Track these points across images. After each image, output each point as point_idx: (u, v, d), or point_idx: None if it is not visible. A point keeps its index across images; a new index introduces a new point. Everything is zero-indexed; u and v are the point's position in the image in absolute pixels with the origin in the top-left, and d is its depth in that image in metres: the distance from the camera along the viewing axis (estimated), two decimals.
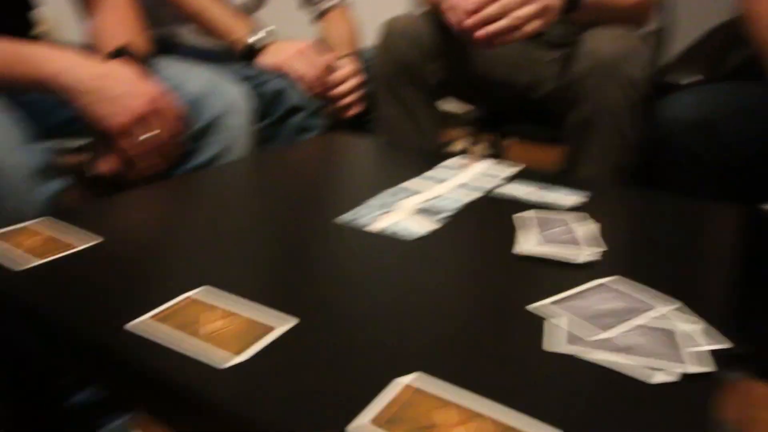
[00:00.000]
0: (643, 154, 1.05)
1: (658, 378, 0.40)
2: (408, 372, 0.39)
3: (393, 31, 1.16)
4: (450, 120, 1.67)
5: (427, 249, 0.60)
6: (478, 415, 0.35)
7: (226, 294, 0.48)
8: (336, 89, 1.26)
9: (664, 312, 0.48)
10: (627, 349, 0.43)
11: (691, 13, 1.80)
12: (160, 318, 0.44)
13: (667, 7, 1.32)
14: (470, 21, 0.95)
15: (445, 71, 1.18)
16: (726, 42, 1.32)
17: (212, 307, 0.46)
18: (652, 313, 0.48)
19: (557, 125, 1.13)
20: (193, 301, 0.47)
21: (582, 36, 1.08)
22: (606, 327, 0.46)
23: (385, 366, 0.40)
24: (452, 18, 1.00)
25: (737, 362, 0.93)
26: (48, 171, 0.77)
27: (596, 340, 0.44)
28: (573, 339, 0.44)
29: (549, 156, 1.22)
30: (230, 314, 0.45)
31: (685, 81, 1.19)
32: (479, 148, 2.40)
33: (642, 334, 0.45)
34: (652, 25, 1.29)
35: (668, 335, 0.45)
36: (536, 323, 0.47)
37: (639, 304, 0.50)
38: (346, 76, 1.28)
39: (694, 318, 0.47)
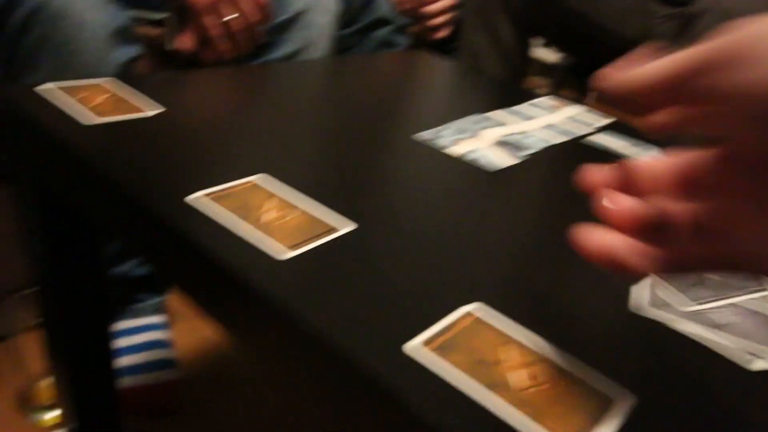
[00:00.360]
0: None
1: (758, 365, 0.35)
2: (469, 301, 0.35)
3: None
4: (533, 66, 1.58)
5: (506, 182, 0.55)
6: (541, 360, 0.31)
7: (286, 186, 0.44)
8: (428, 7, 1.19)
9: None
10: (723, 327, 0.38)
11: None
12: (218, 197, 0.41)
13: None
14: None
15: (546, 4, 1.08)
16: None
17: (271, 196, 0.43)
18: (755, 294, 0.42)
19: None
20: (253, 186, 0.44)
21: None
22: (701, 299, 0.40)
23: (444, 290, 0.36)
24: None
25: None
26: (127, 35, 0.75)
27: (689, 311, 0.39)
28: (662, 304, 0.39)
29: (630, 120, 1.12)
30: (289, 206, 0.42)
31: None
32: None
33: (740, 313, 0.40)
34: None
35: None
36: (621, 281, 0.42)
37: (738, 282, 0.44)
38: None
39: None
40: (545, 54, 1.90)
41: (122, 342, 0.87)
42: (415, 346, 0.30)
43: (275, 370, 0.35)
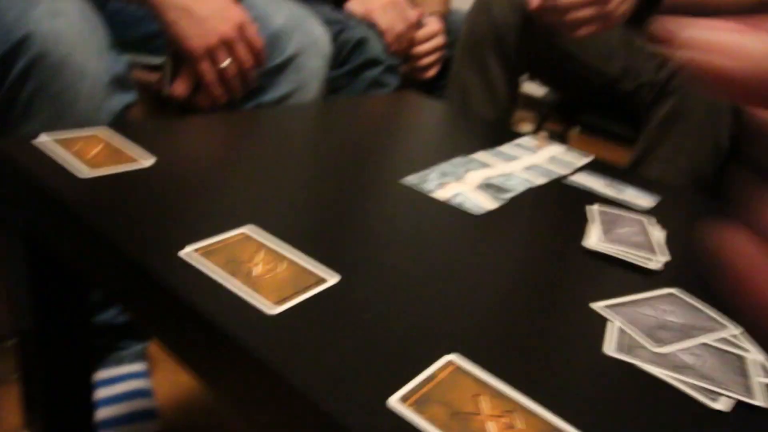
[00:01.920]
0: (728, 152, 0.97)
1: (722, 404, 0.36)
2: (449, 351, 0.36)
3: None
4: (519, 99, 1.60)
5: (490, 226, 0.57)
6: (517, 409, 0.32)
7: (274, 237, 0.46)
8: (418, 47, 1.21)
9: (735, 334, 0.44)
10: (688, 368, 0.39)
11: None
12: (208, 252, 0.42)
13: None
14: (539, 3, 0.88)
15: (536, 44, 1.11)
16: None
17: (260, 248, 0.44)
18: (720, 334, 0.43)
19: (635, 122, 1.05)
20: (242, 239, 0.45)
21: None
22: (669, 340, 0.42)
23: (426, 340, 0.37)
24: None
25: None
26: (124, 82, 0.76)
27: (658, 353, 0.40)
28: (633, 347, 0.40)
29: (612, 155, 1.14)
30: (277, 258, 0.43)
31: None
32: (542, 134, 2.31)
33: (703, 354, 0.41)
34: None
35: (738, 360, 0.41)
36: (595, 323, 0.43)
37: (706, 322, 0.45)
38: (431, 34, 1.23)
39: (754, 348, 0.43)
40: (531, 88, 1.94)
41: (103, 392, 0.85)
42: (395, 402, 0.31)
43: (258, 423, 0.36)
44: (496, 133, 0.88)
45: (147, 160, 0.55)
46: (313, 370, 0.33)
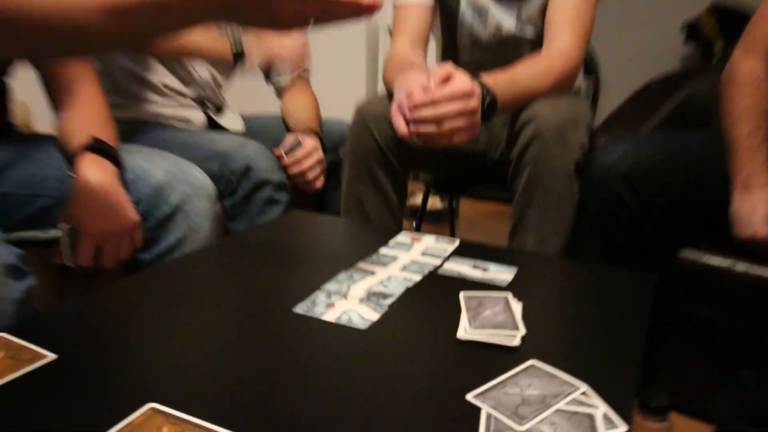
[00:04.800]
0: (577, 206, 1.04)
1: None
2: None
3: (366, 115, 1.15)
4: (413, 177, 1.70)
5: (376, 336, 0.61)
6: None
7: (175, 412, 0.47)
8: (301, 165, 1.27)
9: (584, 391, 0.50)
10: None
11: (615, 75, 1.87)
12: None
13: (594, 73, 1.37)
14: (404, 126, 0.96)
15: (414, 150, 1.16)
16: (651, 101, 1.37)
17: (162, 424, 0.45)
18: (572, 396, 0.49)
19: (507, 186, 1.12)
20: (146, 419, 0.46)
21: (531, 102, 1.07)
22: (530, 415, 0.47)
23: None
24: (394, 120, 1.00)
25: None
26: (20, 269, 0.76)
27: (524, 429, 0.45)
28: (500, 430, 0.45)
29: (496, 211, 1.22)
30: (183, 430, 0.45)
31: (615, 138, 1.23)
32: (437, 201, 2.44)
33: (562, 419, 0.46)
34: (584, 88, 1.34)
35: (588, 419, 0.46)
36: (474, 412, 0.47)
37: (560, 387, 0.51)
38: (310, 151, 1.30)
39: (600, 401, 0.49)
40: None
41: None
42: None
43: None
44: (379, 234, 0.94)
45: (47, 359, 0.56)
46: None
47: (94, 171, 0.88)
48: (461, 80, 0.93)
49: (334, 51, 2.27)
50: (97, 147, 0.91)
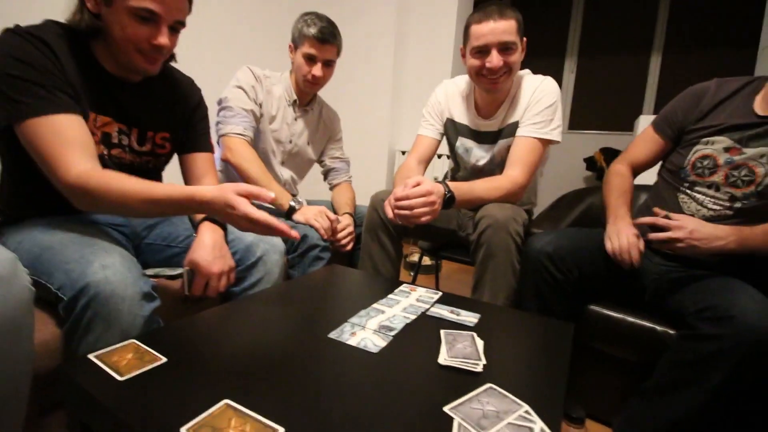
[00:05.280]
0: (518, 274, 1.04)
1: None
2: None
3: (376, 202, 1.19)
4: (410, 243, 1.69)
5: (383, 358, 0.58)
6: None
7: (245, 410, 0.45)
8: (339, 234, 1.28)
9: (527, 410, 0.46)
10: None
11: (544, 190, 1.88)
12: (198, 426, 0.41)
13: (533, 188, 1.37)
14: (390, 212, 0.98)
15: (404, 225, 1.18)
16: (567, 206, 1.37)
17: (231, 418, 0.43)
18: (518, 412, 0.46)
19: (471, 256, 1.12)
20: (221, 411, 0.44)
21: (485, 205, 1.10)
22: (489, 426, 0.43)
23: None
24: (385, 207, 1.02)
25: None
26: (151, 295, 0.75)
27: None
28: None
29: (464, 269, 1.19)
30: (245, 422, 0.42)
31: (542, 230, 1.21)
32: (427, 259, 2.41)
33: (512, 430, 0.43)
34: (524, 199, 1.34)
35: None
36: (449, 420, 0.44)
37: (510, 405, 0.47)
38: (345, 226, 1.31)
39: (537, 418, 0.45)
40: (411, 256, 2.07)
41: None
42: None
43: None
44: (388, 284, 0.92)
45: (161, 360, 0.54)
46: None
47: (209, 233, 0.88)
48: (426, 184, 0.97)
49: (365, 165, 2.47)
50: (212, 218, 0.92)
